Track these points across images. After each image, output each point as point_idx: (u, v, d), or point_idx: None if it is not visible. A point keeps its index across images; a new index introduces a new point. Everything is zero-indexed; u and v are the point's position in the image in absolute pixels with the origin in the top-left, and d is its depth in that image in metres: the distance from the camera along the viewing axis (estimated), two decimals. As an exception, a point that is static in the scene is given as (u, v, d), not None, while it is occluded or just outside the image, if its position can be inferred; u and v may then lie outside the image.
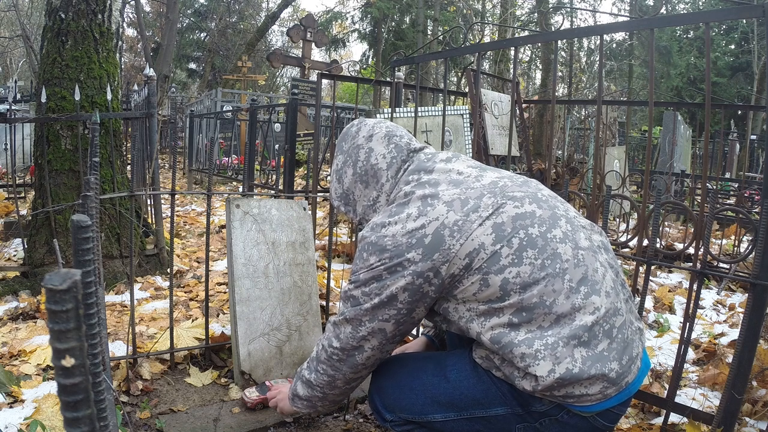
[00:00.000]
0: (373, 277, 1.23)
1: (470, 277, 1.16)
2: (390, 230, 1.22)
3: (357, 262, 1.29)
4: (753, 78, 16.48)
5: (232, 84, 16.81)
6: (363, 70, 20.60)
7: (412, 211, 1.23)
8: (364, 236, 1.27)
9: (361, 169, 1.39)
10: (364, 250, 1.27)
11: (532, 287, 1.12)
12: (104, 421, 0.71)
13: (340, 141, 1.47)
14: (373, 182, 1.37)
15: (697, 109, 11.11)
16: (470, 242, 1.16)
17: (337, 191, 1.46)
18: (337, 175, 1.45)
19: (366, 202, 1.39)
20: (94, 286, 0.76)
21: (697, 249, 1.70)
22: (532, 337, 1.10)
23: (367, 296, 1.25)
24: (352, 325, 1.28)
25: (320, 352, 1.37)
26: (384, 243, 1.22)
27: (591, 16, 18.95)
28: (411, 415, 1.28)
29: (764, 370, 2.00)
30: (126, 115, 3.50)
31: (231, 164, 8.30)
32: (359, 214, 1.43)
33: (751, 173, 7.99)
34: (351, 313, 1.28)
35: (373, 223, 1.27)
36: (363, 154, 1.40)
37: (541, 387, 1.10)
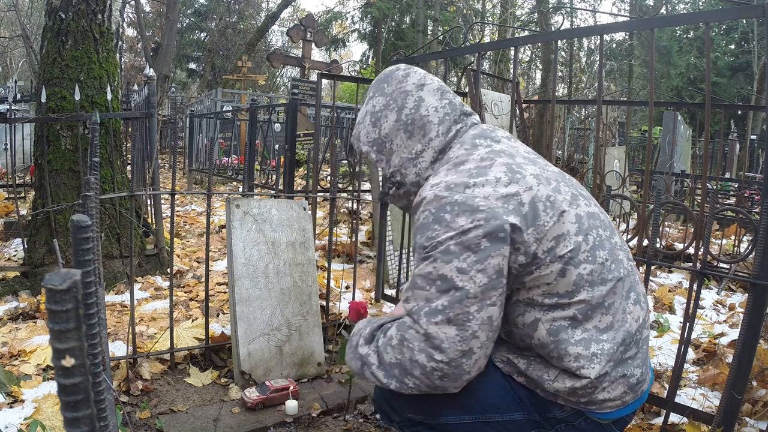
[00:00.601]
0: (468, 246, 1.02)
1: (550, 264, 1.07)
2: (479, 191, 1.06)
3: (432, 227, 1.06)
4: (753, 78, 16.48)
5: (232, 84, 16.81)
6: (363, 70, 20.60)
7: (501, 176, 1.09)
8: (439, 196, 1.08)
9: (407, 118, 1.24)
10: (444, 210, 1.06)
11: (599, 287, 1.10)
12: (104, 421, 0.71)
13: (380, 82, 1.30)
14: (419, 134, 1.23)
15: (697, 109, 11.11)
16: (560, 225, 1.08)
17: (370, 135, 1.27)
18: (373, 117, 1.27)
19: (406, 154, 1.24)
20: (94, 286, 0.76)
21: (697, 249, 1.70)
22: (589, 338, 1.08)
23: (465, 275, 1.02)
24: (456, 324, 1.02)
25: (410, 366, 1.06)
26: (476, 203, 1.04)
27: (591, 16, 18.95)
28: (422, 417, 1.20)
29: (764, 370, 2.00)
30: (126, 115, 3.50)
31: (231, 164, 8.30)
32: (393, 166, 1.26)
33: (751, 173, 7.99)
34: (451, 305, 1.02)
35: (446, 182, 1.09)
36: (412, 101, 1.24)
37: (580, 386, 1.08)
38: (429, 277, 1.04)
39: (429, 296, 1.04)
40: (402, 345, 1.07)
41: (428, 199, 1.09)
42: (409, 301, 1.08)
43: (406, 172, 1.25)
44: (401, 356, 1.07)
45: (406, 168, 1.25)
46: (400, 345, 1.08)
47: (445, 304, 1.02)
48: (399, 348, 1.08)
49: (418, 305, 1.05)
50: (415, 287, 1.07)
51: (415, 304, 1.06)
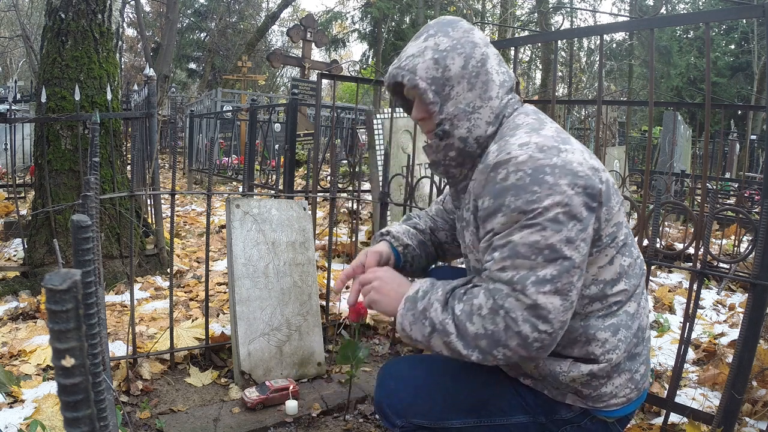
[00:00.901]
0: (574, 215, 0.98)
1: (607, 248, 1.08)
2: (572, 157, 1.02)
3: (532, 189, 0.98)
4: (753, 78, 16.48)
5: (232, 84, 16.81)
6: (363, 70, 20.60)
7: (581, 148, 1.07)
8: (534, 156, 1.01)
9: (474, 69, 1.15)
10: (542, 171, 0.99)
11: (633, 281, 1.14)
12: (104, 421, 0.71)
13: (442, 24, 1.19)
14: (481, 90, 1.15)
15: (697, 109, 11.10)
16: (620, 212, 1.10)
17: (430, 72, 1.15)
18: (436, 54, 1.15)
19: (464, 105, 1.15)
20: (94, 286, 0.76)
21: (697, 249, 1.70)
22: (618, 324, 1.11)
23: (572, 244, 0.98)
24: (561, 295, 0.98)
25: (506, 337, 0.99)
26: (574, 168, 1.01)
27: (591, 16, 18.96)
28: (426, 421, 1.18)
29: (764, 370, 2.00)
30: (126, 115, 3.50)
31: (231, 164, 8.30)
32: (446, 114, 1.16)
33: (751, 173, 7.99)
34: (560, 275, 0.97)
35: (536, 143, 1.04)
36: (479, 54, 1.16)
37: (598, 369, 1.09)
38: (536, 246, 0.98)
39: (534, 265, 0.98)
40: (496, 314, 0.99)
41: (521, 159, 1.01)
42: (507, 270, 1.00)
43: (459, 124, 1.16)
44: (494, 327, 0.99)
45: (459, 120, 1.15)
46: (494, 314, 0.99)
47: (554, 274, 0.97)
48: (491, 318, 0.99)
49: (521, 274, 0.98)
50: (517, 255, 0.99)
51: (515, 273, 0.99)
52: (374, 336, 2.64)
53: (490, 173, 1.05)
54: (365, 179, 5.35)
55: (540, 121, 1.13)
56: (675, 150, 7.03)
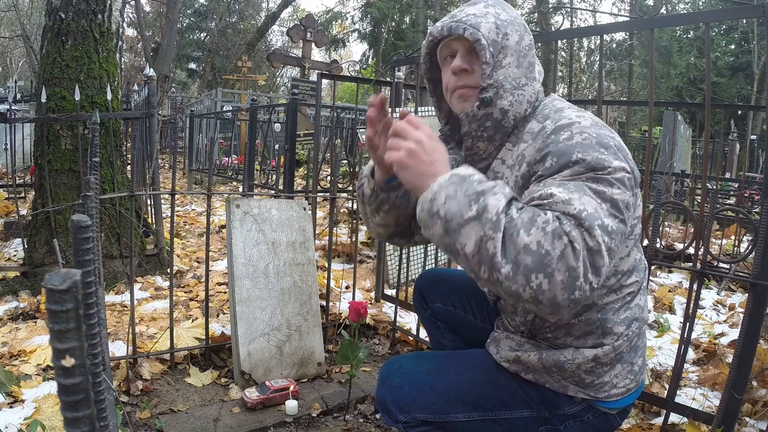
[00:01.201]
0: (632, 186, 0.99)
1: (627, 240, 1.11)
2: (608, 133, 1.04)
3: (599, 149, 0.97)
4: (753, 78, 16.49)
5: (232, 84, 16.82)
6: (363, 70, 20.60)
7: (616, 136, 1.08)
8: (596, 123, 1.04)
9: (523, 49, 1.16)
10: (605, 140, 1.00)
11: (640, 273, 1.17)
12: (104, 421, 0.71)
13: (499, 2, 1.19)
14: (525, 68, 1.16)
15: (697, 109, 11.10)
16: (639, 206, 1.12)
17: (491, 35, 1.12)
18: (498, 21, 1.13)
19: (510, 75, 1.13)
20: (94, 286, 0.76)
21: (697, 249, 1.70)
22: (631, 317, 1.14)
23: (629, 212, 0.98)
24: (610, 256, 0.91)
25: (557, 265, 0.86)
26: (623, 147, 1.04)
27: (591, 16, 18.96)
28: (430, 416, 1.17)
29: (764, 370, 2.00)
30: (126, 115, 3.50)
31: (231, 164, 8.30)
32: (495, 80, 1.12)
33: (751, 173, 7.99)
34: (617, 232, 0.93)
35: (588, 116, 1.07)
36: (528, 38, 1.18)
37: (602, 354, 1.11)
38: (603, 195, 0.93)
39: (600, 210, 0.91)
40: (559, 238, 0.87)
41: (584, 124, 1.03)
42: (573, 203, 0.90)
43: (504, 93, 1.13)
44: (551, 248, 0.86)
45: (505, 90, 1.13)
46: (556, 237, 0.87)
47: (614, 229, 0.92)
48: (552, 238, 0.86)
49: (589, 212, 0.90)
50: (585, 194, 0.92)
51: (584, 209, 0.90)
52: (374, 336, 2.64)
53: (551, 135, 1.03)
54: (365, 179, 5.34)
55: (575, 109, 1.14)
56: (675, 150, 7.02)
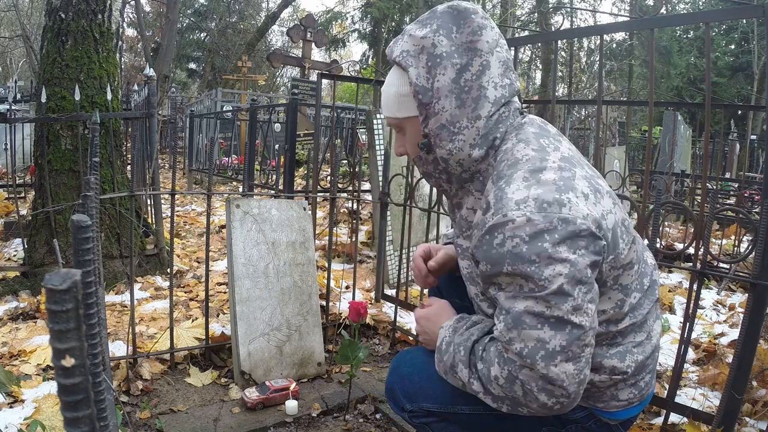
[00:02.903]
0: (579, 280, 0.93)
1: (611, 291, 1.06)
2: (574, 211, 0.94)
3: (531, 259, 0.93)
4: (753, 78, 16.48)
5: (232, 84, 16.81)
6: (363, 70, 20.59)
7: (587, 192, 0.99)
8: (533, 220, 0.93)
9: (466, 84, 1.04)
10: (541, 239, 0.92)
11: (642, 311, 1.12)
12: (104, 421, 0.71)
13: (451, 18, 1.06)
14: (470, 108, 1.05)
15: (697, 109, 11.10)
16: (630, 252, 1.05)
17: (420, 79, 1.05)
18: (431, 61, 1.05)
19: (446, 122, 1.06)
20: (94, 286, 0.76)
21: (697, 249, 1.70)
22: (624, 351, 1.10)
23: (580, 311, 0.94)
24: (573, 360, 0.95)
25: (525, 401, 1.00)
26: (577, 227, 0.93)
27: (591, 16, 18.95)
28: (436, 406, 1.19)
29: (764, 370, 2.00)
30: (126, 115, 3.50)
31: (231, 164, 8.30)
32: (429, 129, 1.08)
33: (751, 173, 7.99)
34: (569, 344, 0.94)
35: (534, 199, 0.95)
36: (477, 65, 1.04)
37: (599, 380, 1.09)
38: (542, 316, 0.94)
39: (542, 336, 0.94)
40: (512, 383, 0.99)
41: (518, 223, 0.94)
42: (514, 343, 0.97)
43: (441, 143, 1.08)
44: (513, 394, 1.00)
45: (441, 139, 1.08)
46: (510, 384, 0.99)
47: (564, 344, 0.94)
48: (509, 387, 1.00)
49: (530, 348, 0.95)
50: (523, 326, 0.95)
51: (524, 346, 0.96)
52: (374, 336, 2.64)
53: (485, 236, 0.99)
54: (365, 179, 5.35)
55: (541, 151, 1.04)
56: (675, 150, 7.02)
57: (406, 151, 1.20)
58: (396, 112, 1.13)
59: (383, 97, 1.16)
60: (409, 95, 1.09)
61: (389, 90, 1.14)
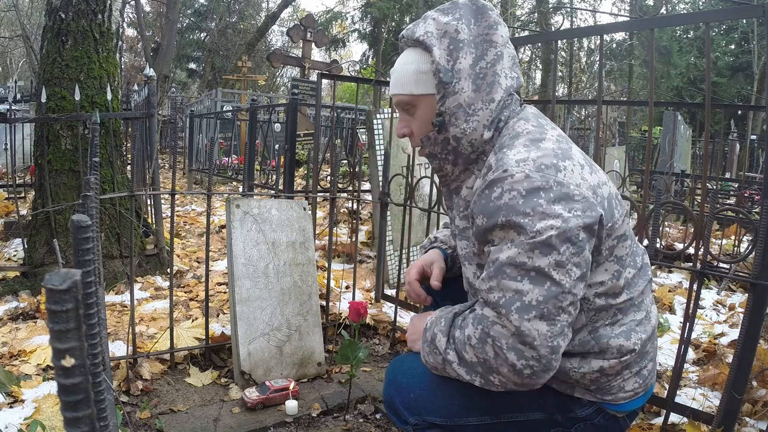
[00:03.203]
0: (568, 238, 0.95)
1: (608, 263, 1.07)
2: (570, 177, 0.99)
3: (524, 211, 0.96)
4: (753, 78, 16.48)
5: (232, 84, 16.81)
6: (363, 70, 20.59)
7: (583, 163, 1.05)
8: (530, 176, 0.97)
9: (482, 70, 1.11)
10: (536, 194, 0.96)
11: (637, 288, 1.14)
12: (104, 421, 0.71)
13: (470, 11, 1.14)
14: (485, 92, 1.11)
15: (697, 109, 11.10)
16: (624, 225, 1.09)
17: (441, 60, 1.10)
18: (452, 44, 1.11)
19: (463, 102, 1.11)
20: (94, 286, 0.76)
21: (697, 249, 1.70)
22: (629, 330, 1.11)
23: (563, 268, 0.95)
24: (548, 320, 0.96)
25: (496, 364, 1.01)
26: (571, 191, 0.98)
27: (591, 16, 18.95)
28: (441, 419, 1.15)
29: (764, 370, 2.00)
30: (126, 115, 3.50)
31: (231, 164, 8.30)
32: (446, 108, 1.12)
33: (751, 173, 7.99)
34: (546, 300, 0.95)
35: (533, 159, 1.00)
36: (492, 54, 1.12)
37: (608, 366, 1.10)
38: (523, 267, 0.96)
39: (520, 288, 0.96)
40: (484, 343, 1.01)
41: (517, 178, 0.98)
42: (493, 292, 0.99)
43: (456, 122, 1.12)
44: (484, 355, 1.01)
45: (457, 118, 1.12)
46: (482, 343, 1.01)
47: (540, 299, 0.95)
48: (481, 347, 1.02)
49: (507, 298, 0.97)
50: (504, 276, 0.98)
51: (502, 296, 0.98)
52: (374, 336, 2.65)
53: (485, 190, 1.03)
54: (365, 179, 5.35)
55: (540, 128, 1.10)
56: (675, 150, 7.02)
57: (410, 132, 1.22)
58: (413, 89, 1.16)
59: (397, 76, 1.19)
60: (429, 73, 1.13)
61: (407, 68, 1.16)
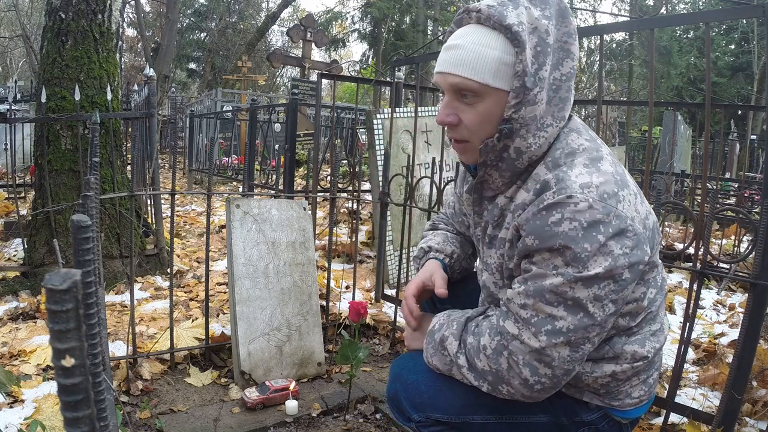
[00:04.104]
0: (612, 276, 0.94)
1: (637, 287, 1.06)
2: (627, 209, 0.96)
3: (582, 245, 0.93)
4: (753, 78, 16.49)
5: (232, 84, 16.82)
6: (363, 70, 20.59)
7: (635, 190, 1.03)
8: (593, 207, 0.94)
9: (556, 82, 1.02)
10: (596, 228, 0.93)
11: (656, 303, 1.13)
12: (104, 421, 0.71)
13: (555, 12, 1.02)
14: (557, 108, 1.03)
15: (697, 109, 11.10)
16: (656, 252, 1.08)
17: (528, 62, 0.98)
18: (540, 45, 0.99)
19: (538, 114, 1.01)
20: (94, 286, 0.76)
21: (697, 249, 1.70)
22: (643, 338, 1.12)
23: (599, 302, 0.96)
24: (572, 346, 0.97)
25: (508, 376, 1.02)
26: (627, 225, 0.95)
27: (591, 16, 18.95)
28: (446, 416, 1.15)
29: (764, 370, 2.00)
30: (126, 115, 3.50)
31: (231, 164, 8.30)
32: (520, 116, 1.01)
33: (751, 173, 7.99)
34: (576, 329, 0.96)
35: (597, 186, 0.96)
36: (568, 67, 1.02)
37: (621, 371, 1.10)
38: (564, 295, 0.96)
39: (555, 313, 0.97)
40: (499, 355, 1.02)
41: (581, 207, 0.94)
42: (527, 309, 0.99)
43: (525, 134, 1.02)
44: (497, 366, 1.03)
45: (528, 130, 1.02)
46: (497, 355, 1.02)
47: (571, 328, 0.96)
48: (495, 358, 1.03)
49: (539, 318, 0.98)
50: (542, 300, 0.97)
51: (534, 315, 0.98)
52: (374, 336, 2.65)
53: (543, 211, 0.97)
54: (365, 179, 5.35)
55: (593, 142, 1.06)
56: (675, 150, 7.03)
57: (457, 121, 1.06)
58: (489, 79, 1.00)
59: (467, 55, 1.01)
60: (512, 68, 1.00)
61: (488, 52, 1.00)
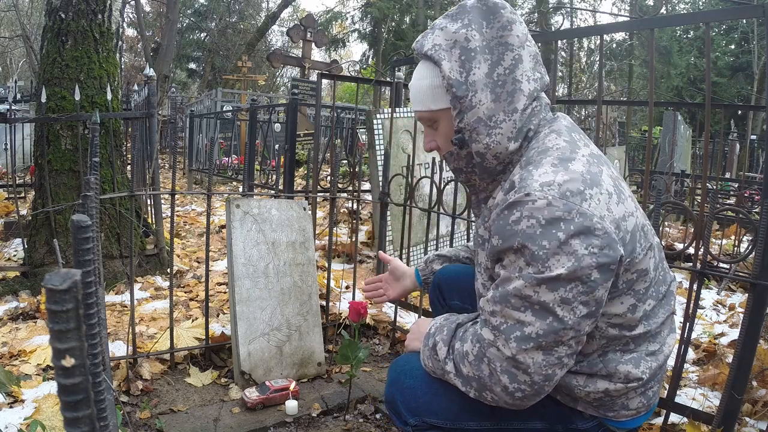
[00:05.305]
0: (578, 276, 0.93)
1: (625, 296, 1.05)
2: (595, 208, 0.94)
3: (540, 243, 0.93)
4: (753, 78, 16.48)
5: (232, 84, 16.82)
6: (363, 70, 20.58)
7: (611, 191, 0.99)
8: (552, 204, 0.93)
9: (500, 78, 1.04)
10: (556, 225, 0.92)
11: (656, 320, 1.11)
12: (104, 421, 0.71)
13: (481, 13, 1.07)
14: (506, 102, 1.04)
15: (697, 109, 11.10)
16: (646, 259, 1.05)
17: (453, 73, 1.04)
18: (464, 54, 1.04)
19: (482, 115, 1.05)
20: (94, 286, 0.76)
21: (697, 249, 1.70)
22: (638, 358, 1.10)
23: (568, 306, 0.95)
24: (545, 350, 0.97)
25: (490, 383, 1.02)
26: (593, 224, 0.93)
27: (591, 16, 18.96)
28: (441, 421, 1.15)
29: (764, 370, 2.00)
30: (126, 115, 3.50)
31: (231, 164, 8.30)
32: (465, 123, 1.07)
33: (751, 173, 7.99)
34: (546, 334, 0.96)
35: (559, 184, 0.95)
36: (509, 59, 1.04)
37: (614, 389, 1.09)
38: (528, 299, 0.96)
39: (522, 319, 0.97)
40: (480, 362, 1.03)
41: (538, 204, 0.94)
42: (496, 316, 1.00)
43: (477, 137, 1.06)
44: (480, 372, 1.03)
45: (478, 133, 1.06)
46: (479, 362, 1.03)
47: (540, 333, 0.96)
48: (477, 365, 1.03)
49: (508, 325, 0.98)
50: (508, 305, 0.98)
51: (503, 322, 0.99)
52: (374, 336, 2.65)
53: (504, 210, 0.99)
54: (365, 179, 5.35)
55: (572, 144, 1.05)
56: (675, 150, 7.03)
57: (436, 146, 1.18)
58: (431, 105, 1.12)
59: (414, 92, 1.15)
60: (443, 87, 1.08)
61: (421, 83, 1.12)
